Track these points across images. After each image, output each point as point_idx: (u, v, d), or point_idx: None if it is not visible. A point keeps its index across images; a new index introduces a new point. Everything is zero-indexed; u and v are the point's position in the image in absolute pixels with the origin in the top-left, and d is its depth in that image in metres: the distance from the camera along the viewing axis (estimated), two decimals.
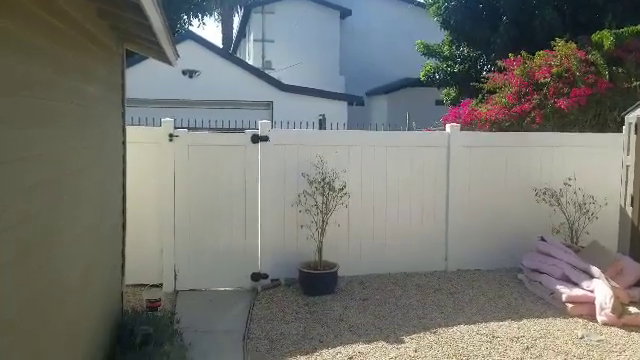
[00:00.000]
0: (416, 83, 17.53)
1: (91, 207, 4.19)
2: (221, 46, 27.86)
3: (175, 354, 4.92)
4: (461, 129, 9.29)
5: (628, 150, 6.79)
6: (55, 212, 3.16)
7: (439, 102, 16.73)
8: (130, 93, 12.00)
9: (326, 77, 19.66)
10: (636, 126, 6.68)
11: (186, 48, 13.49)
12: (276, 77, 18.01)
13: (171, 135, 6.59)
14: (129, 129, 6.06)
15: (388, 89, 20.40)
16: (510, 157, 7.48)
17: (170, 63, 5.75)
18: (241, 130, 7.34)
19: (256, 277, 6.80)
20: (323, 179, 6.66)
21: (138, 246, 6.26)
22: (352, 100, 16.70)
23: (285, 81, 17.07)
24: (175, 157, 6.61)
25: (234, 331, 5.55)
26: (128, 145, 5.89)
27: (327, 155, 6.80)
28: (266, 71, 18.98)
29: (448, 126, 7.56)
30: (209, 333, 5.51)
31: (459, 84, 15.20)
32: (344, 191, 6.66)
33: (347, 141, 7.26)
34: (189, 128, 8.89)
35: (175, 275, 6.65)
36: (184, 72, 13.07)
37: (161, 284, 6.58)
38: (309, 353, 4.98)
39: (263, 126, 6.89)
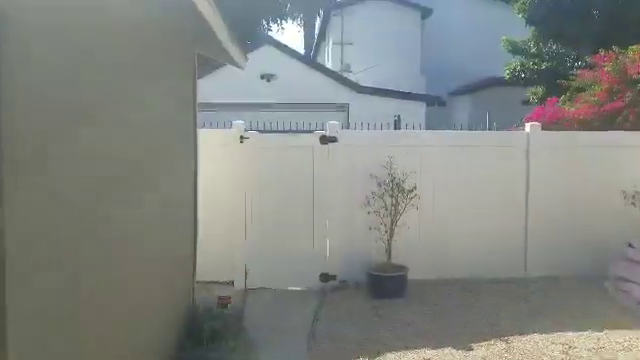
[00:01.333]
0: (501, 82, 16.87)
1: (165, 206, 4.38)
2: (303, 50, 28.31)
3: (241, 350, 5.04)
4: (547, 129, 8.83)
5: None
6: (132, 211, 3.35)
7: (525, 102, 15.98)
8: (211, 98, 12.46)
9: (407, 78, 19.35)
10: None
11: (264, 53, 13.83)
12: (355, 79, 17.97)
13: (242, 137, 6.75)
14: (203, 131, 6.28)
15: (471, 89, 19.76)
16: (595, 157, 7.01)
17: (240, 67, 5.89)
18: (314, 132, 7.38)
19: (325, 278, 6.81)
20: (392, 180, 6.55)
21: (211, 245, 6.45)
22: (430, 100, 16.34)
23: (365, 83, 16.98)
24: (246, 158, 6.76)
25: (300, 330, 5.57)
26: (202, 147, 6.11)
27: (397, 156, 6.68)
28: (345, 74, 18.97)
29: (528, 125, 7.21)
30: (275, 331, 5.57)
31: (546, 83, 14.46)
32: (414, 192, 6.51)
33: (417, 141, 7.10)
34: (265, 130, 9.10)
35: (245, 274, 6.78)
36: (262, 76, 13.37)
37: (232, 282, 6.76)
38: (372, 356, 4.90)
39: (332, 127, 6.90)
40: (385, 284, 6.50)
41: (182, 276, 5.42)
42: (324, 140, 6.83)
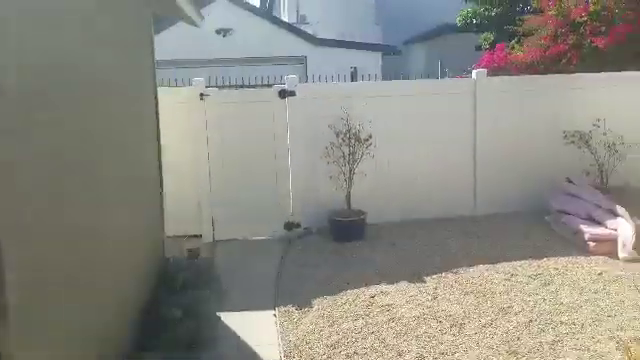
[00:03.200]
0: (454, 29, 17.16)
1: (128, 165, 4.58)
2: (259, 3, 27.76)
3: (212, 295, 5.38)
4: (496, 74, 9.21)
5: None
6: (97, 164, 3.54)
7: (479, 48, 16.38)
8: (166, 55, 12.36)
9: (362, 28, 19.42)
10: None
11: (219, 7, 13.70)
12: (311, 31, 17.96)
13: (202, 94, 6.90)
14: (163, 90, 6.41)
15: (425, 37, 20.02)
16: (538, 100, 7.46)
17: (196, 25, 6.00)
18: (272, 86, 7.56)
19: (289, 226, 7.16)
20: (349, 130, 6.85)
21: (178, 200, 6.72)
22: (386, 50, 16.58)
23: (321, 35, 17.02)
24: (207, 115, 6.93)
25: (267, 274, 5.94)
26: (162, 105, 6.25)
27: (353, 107, 6.96)
28: (301, 26, 18.92)
29: (474, 72, 7.56)
30: (244, 277, 5.92)
31: (497, 28, 14.82)
32: (369, 141, 6.84)
33: (372, 92, 7.39)
34: (223, 86, 9.21)
35: (213, 226, 7.07)
36: (218, 31, 13.30)
37: (201, 235, 7.05)
38: (335, 293, 5.32)
39: (290, 81, 7.11)
40: (346, 228, 6.90)
41: (151, 231, 5.68)
42: (283, 94, 7.04)
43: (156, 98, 5.83)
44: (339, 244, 6.71)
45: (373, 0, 20.94)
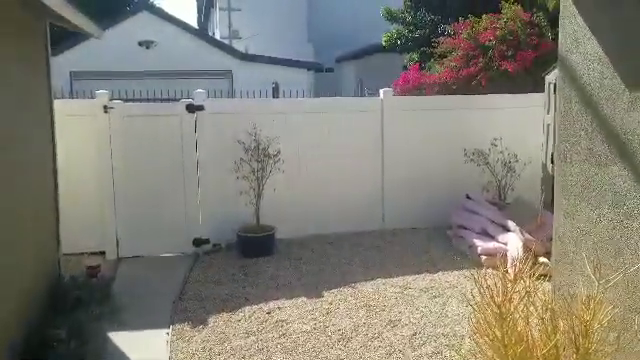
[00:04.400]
0: (383, 49, 17.64)
1: (15, 184, 4.41)
2: (196, 16, 27.55)
3: (105, 314, 5.24)
4: (411, 93, 9.51)
5: (548, 109, 7.07)
6: None
7: (405, 67, 16.89)
8: (87, 66, 12.07)
9: (294, 45, 19.66)
10: (554, 86, 6.93)
11: (141, 20, 13.53)
12: (243, 46, 18.02)
13: (106, 107, 6.76)
14: (63, 102, 6.29)
15: (356, 55, 20.45)
16: (442, 120, 7.75)
17: (95, 36, 5.90)
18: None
19: (198, 242, 7.08)
20: (257, 146, 6.89)
21: (80, 216, 6.56)
22: (314, 67, 16.82)
23: (252, 50, 17.10)
24: (111, 128, 6.79)
25: (168, 293, 5.83)
26: (63, 118, 6.09)
27: (262, 123, 7.02)
28: (233, 40, 18.98)
29: (381, 91, 7.79)
30: (145, 295, 5.79)
31: (419, 49, 15.34)
32: (278, 157, 6.90)
33: (281, 109, 7.49)
34: (133, 99, 9.06)
35: (117, 243, 6.90)
36: (140, 43, 13.12)
37: (104, 252, 6.86)
38: (233, 310, 5.30)
39: (198, 95, 7.09)
40: (254, 244, 6.90)
41: (42, 249, 5.47)
42: (191, 108, 7.00)
43: (52, 110, 5.67)
44: (247, 260, 6.70)
45: (305, 19, 21.25)
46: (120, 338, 4.86)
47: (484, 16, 10.60)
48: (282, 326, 4.92)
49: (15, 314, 4.41)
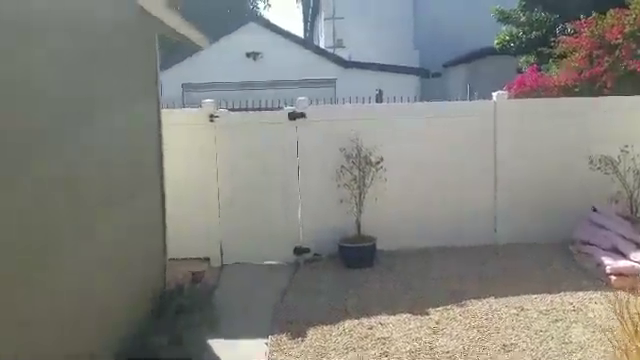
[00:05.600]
0: (495, 52, 16.80)
1: (119, 188, 4.53)
2: (302, 27, 28.07)
3: (206, 322, 5.23)
4: (529, 96, 8.84)
5: None
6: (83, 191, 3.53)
7: (520, 70, 15.94)
8: (196, 78, 12.57)
9: (399, 51, 19.25)
10: None
11: (249, 31, 13.87)
12: (347, 54, 17.95)
13: (212, 116, 6.86)
14: (169, 112, 6.42)
15: (465, 59, 19.62)
16: (563, 123, 7.05)
17: (201, 47, 6.00)
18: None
19: (298, 251, 6.97)
20: (359, 153, 6.66)
21: (186, 223, 6.63)
22: (420, 73, 16.32)
23: (356, 58, 16.95)
24: (216, 137, 6.88)
25: (268, 302, 5.74)
26: (171, 127, 6.23)
27: (364, 129, 6.76)
28: (337, 49, 18.97)
29: (494, 94, 7.25)
30: (244, 303, 5.74)
31: (535, 50, 14.37)
32: (380, 165, 6.62)
33: (384, 114, 7.22)
34: (237, 109, 9.20)
35: (221, 249, 6.96)
36: (248, 54, 13.45)
37: (208, 258, 6.94)
38: (332, 323, 5.07)
39: (300, 103, 7.00)
40: (355, 255, 6.66)
41: (152, 256, 5.60)
42: (292, 116, 6.93)
43: (159, 119, 5.80)
44: (347, 271, 6.48)
45: (411, 23, 20.79)
46: (219, 346, 4.83)
47: (609, 12, 9.63)
48: (384, 344, 4.61)
49: (124, 318, 4.50)
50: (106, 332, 4.07)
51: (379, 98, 11.92)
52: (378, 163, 6.61)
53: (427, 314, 5.12)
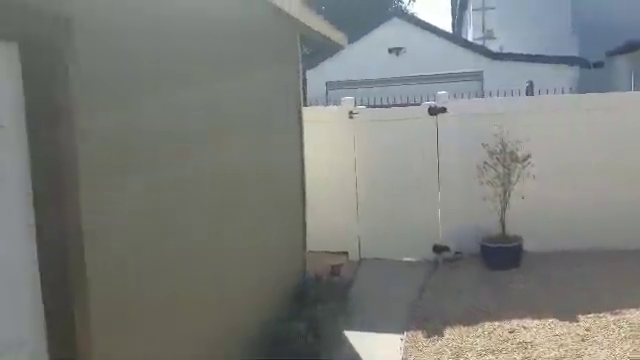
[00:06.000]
0: None
1: (267, 182, 4.83)
2: (450, 19, 27.29)
3: (343, 314, 5.35)
4: None
5: None
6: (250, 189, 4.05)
7: None
8: (339, 76, 12.83)
9: (555, 40, 17.88)
10: None
11: (391, 27, 13.83)
12: (497, 46, 17.16)
13: (351, 112, 6.98)
14: (310, 109, 6.66)
15: (633, 47, 17.68)
16: None
17: (341, 46, 6.14)
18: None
19: (437, 249, 6.84)
20: (503, 149, 6.34)
21: (326, 217, 6.81)
22: (577, 63, 14.99)
23: (508, 49, 16.11)
24: (355, 133, 6.99)
25: (405, 298, 5.73)
26: (310, 124, 6.45)
27: (509, 124, 6.41)
28: (487, 41, 18.20)
29: None
30: (380, 298, 5.79)
31: None
32: (527, 161, 6.25)
33: (531, 107, 6.79)
34: (376, 105, 9.25)
35: (359, 244, 7.06)
36: (390, 50, 13.39)
37: (346, 252, 7.08)
38: (471, 324, 4.92)
39: (440, 97, 6.86)
40: (498, 255, 6.37)
41: (293, 249, 5.87)
42: (433, 111, 6.80)
43: (301, 117, 6.04)
44: (489, 271, 6.24)
45: (569, 8, 19.22)
46: (354, 338, 4.93)
47: None
48: (526, 348, 4.37)
49: (268, 304, 4.80)
50: (255, 315, 4.38)
51: (529, 91, 11.21)
52: (525, 160, 6.24)
53: (576, 320, 4.75)
